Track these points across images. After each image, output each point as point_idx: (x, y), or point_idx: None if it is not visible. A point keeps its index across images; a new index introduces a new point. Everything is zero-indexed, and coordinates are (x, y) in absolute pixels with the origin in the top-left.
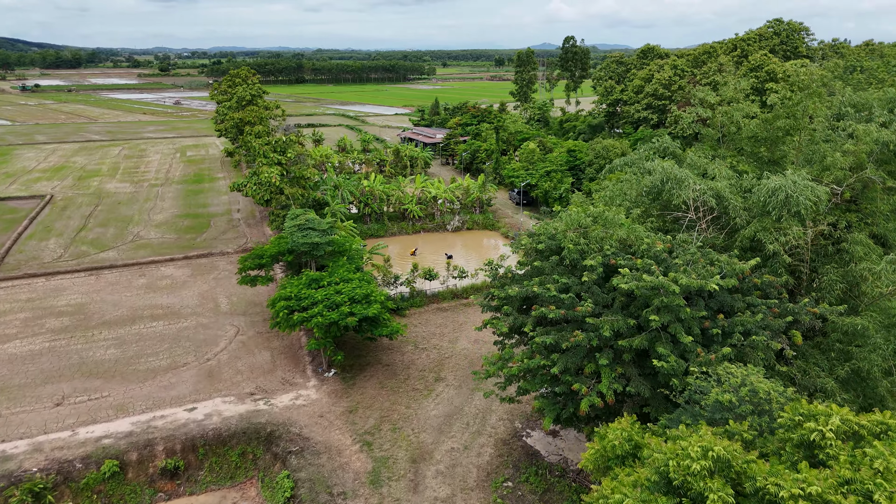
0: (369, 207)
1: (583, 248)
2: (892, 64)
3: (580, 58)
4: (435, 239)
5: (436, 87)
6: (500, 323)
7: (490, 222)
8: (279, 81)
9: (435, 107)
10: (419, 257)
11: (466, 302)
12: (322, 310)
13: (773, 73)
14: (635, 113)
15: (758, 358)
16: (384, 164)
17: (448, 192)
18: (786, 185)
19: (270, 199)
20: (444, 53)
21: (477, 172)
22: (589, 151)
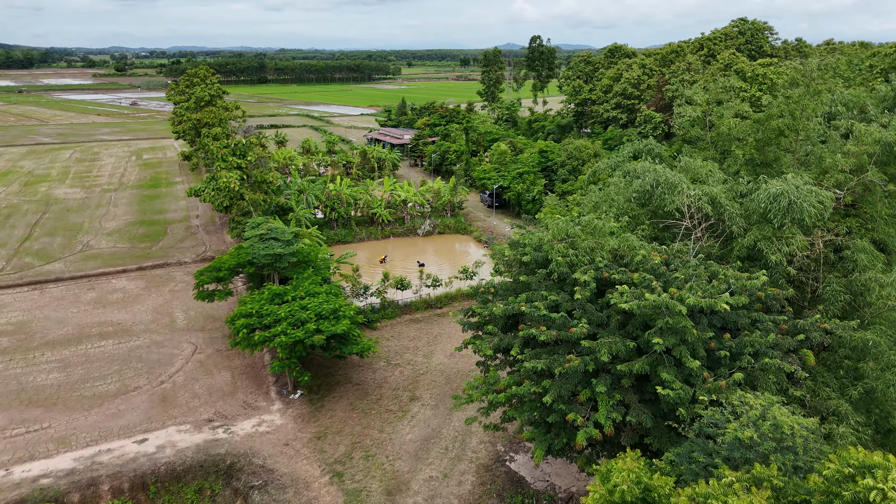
0: (336, 212)
1: (572, 260)
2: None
3: (546, 57)
4: (405, 244)
5: (401, 86)
6: (484, 345)
7: (462, 226)
8: (241, 82)
9: (402, 107)
10: (389, 265)
11: (441, 312)
12: (286, 328)
13: (742, 72)
14: (604, 112)
15: (769, 382)
16: (351, 167)
17: (418, 196)
18: (788, 191)
19: (230, 205)
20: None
21: (447, 174)
22: (561, 152)
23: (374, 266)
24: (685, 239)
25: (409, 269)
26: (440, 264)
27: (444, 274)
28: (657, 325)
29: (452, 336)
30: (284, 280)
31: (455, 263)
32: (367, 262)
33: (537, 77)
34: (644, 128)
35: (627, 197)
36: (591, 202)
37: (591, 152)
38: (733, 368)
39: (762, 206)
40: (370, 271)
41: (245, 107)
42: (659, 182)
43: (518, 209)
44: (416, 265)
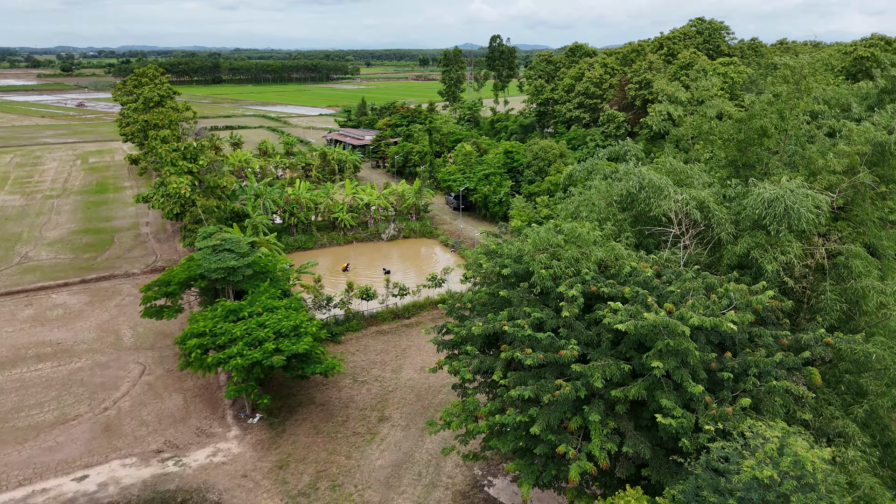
0: (295, 217)
1: (555, 272)
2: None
3: (507, 57)
4: (369, 249)
5: (360, 86)
6: (463, 368)
7: (428, 229)
8: (195, 82)
9: (362, 107)
10: (353, 273)
11: (409, 322)
12: (242, 348)
13: (704, 70)
14: (567, 112)
15: (776, 405)
16: (310, 169)
17: (381, 199)
18: (784, 195)
19: (181, 212)
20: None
21: (410, 176)
22: (526, 153)
23: (336, 275)
24: (671, 246)
25: (374, 277)
26: (406, 271)
27: (411, 281)
28: (656, 346)
29: (422, 348)
30: (240, 294)
31: (422, 269)
32: (329, 271)
33: (498, 77)
34: (607, 127)
35: (609, 201)
36: (571, 206)
37: (556, 152)
38: (737, 391)
39: (756, 211)
40: (333, 280)
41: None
42: (643, 185)
43: (485, 211)
44: (382, 272)
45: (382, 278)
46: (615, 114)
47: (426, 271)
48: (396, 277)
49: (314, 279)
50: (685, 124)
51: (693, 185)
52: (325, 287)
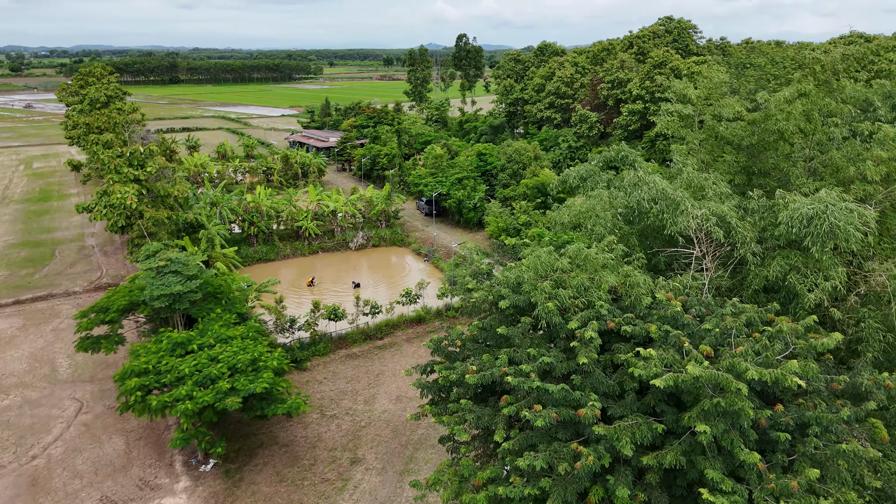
0: (255, 227)
1: (563, 303)
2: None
3: (474, 56)
4: (336, 260)
5: (324, 86)
6: (457, 427)
7: (399, 237)
8: (151, 82)
9: (326, 107)
10: (319, 287)
11: (382, 344)
12: (191, 389)
13: (678, 69)
14: (538, 112)
15: (843, 472)
16: (272, 173)
17: (349, 205)
18: (827, 211)
19: (127, 224)
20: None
21: (378, 180)
22: (500, 155)
23: (301, 290)
24: (687, 268)
25: (342, 291)
26: (377, 284)
27: (383, 296)
28: (701, 405)
29: (397, 374)
30: (191, 320)
31: (394, 281)
32: (292, 285)
33: (465, 77)
34: (580, 128)
35: (614, 213)
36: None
37: (531, 155)
38: (794, 455)
39: (793, 230)
40: (297, 295)
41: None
42: (656, 198)
43: (458, 217)
44: (351, 286)
45: (352, 293)
46: (588, 114)
47: (399, 284)
48: (367, 292)
49: (276, 300)
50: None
51: (708, 197)
52: (288, 307)
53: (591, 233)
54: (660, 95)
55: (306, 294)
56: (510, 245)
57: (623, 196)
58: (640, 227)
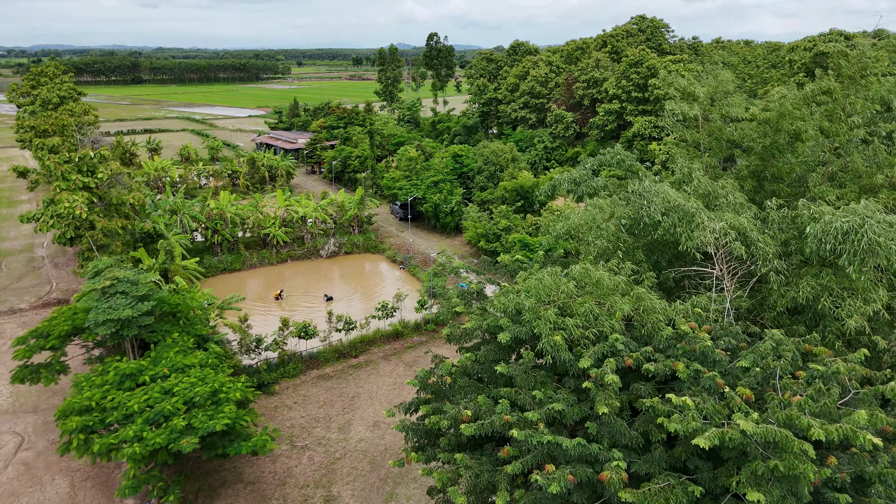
0: (219, 235)
1: (571, 334)
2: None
3: (445, 56)
4: (307, 269)
5: (292, 86)
6: (451, 489)
7: (372, 244)
8: (112, 82)
9: (294, 107)
10: (289, 301)
11: (357, 363)
12: (141, 428)
13: (654, 68)
14: (512, 112)
15: None
16: (237, 177)
17: (319, 211)
18: (865, 225)
19: (76, 236)
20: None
21: (350, 182)
22: (477, 157)
23: (268, 303)
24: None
25: (313, 305)
26: (351, 296)
27: (357, 309)
28: (751, 467)
29: (374, 396)
30: (145, 346)
31: (369, 291)
32: (259, 298)
33: (437, 76)
34: (555, 128)
35: (618, 224)
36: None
37: (508, 157)
38: None
39: (826, 245)
40: (265, 310)
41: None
42: (668, 209)
43: (435, 221)
44: (323, 299)
45: (324, 307)
46: (563, 114)
47: (374, 294)
48: (340, 305)
49: (240, 318)
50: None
51: (721, 207)
52: (254, 324)
53: (591, 246)
54: (636, 95)
55: (274, 309)
56: (503, 262)
57: (626, 205)
58: (646, 240)
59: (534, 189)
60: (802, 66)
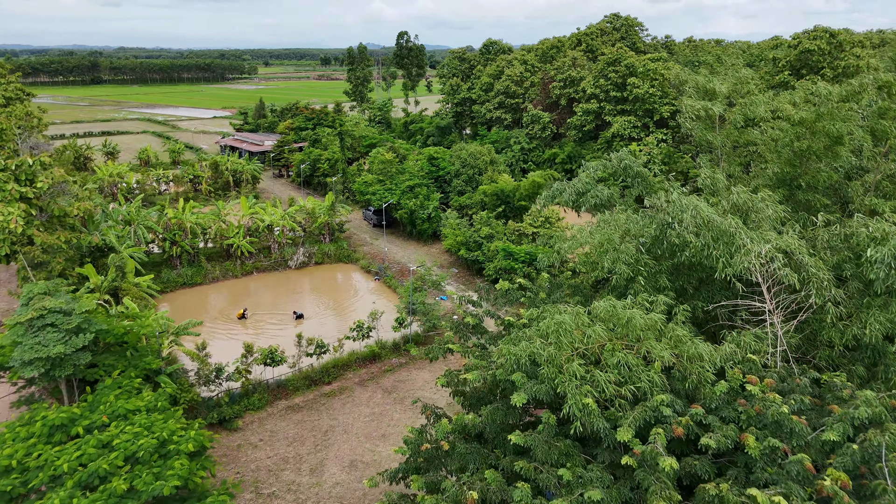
0: (178, 246)
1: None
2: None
3: (416, 54)
4: (274, 281)
5: (259, 86)
6: None
7: (345, 253)
8: (71, 82)
9: (260, 108)
10: (254, 320)
11: (330, 390)
12: (72, 493)
13: (633, 67)
14: (487, 113)
15: None
16: (200, 182)
17: (287, 219)
18: None
19: (13, 253)
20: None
21: (319, 187)
22: (454, 159)
23: (231, 323)
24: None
25: (281, 324)
26: (323, 311)
27: (329, 327)
28: None
29: (350, 429)
30: (85, 384)
31: (342, 307)
32: (221, 316)
33: (407, 76)
34: (532, 129)
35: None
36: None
37: (486, 159)
38: None
39: None
40: (227, 331)
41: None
42: (700, 227)
43: (411, 228)
44: (293, 317)
45: (293, 325)
46: (540, 114)
47: (348, 309)
48: (311, 324)
49: (197, 346)
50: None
51: (760, 224)
52: (216, 349)
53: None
54: (615, 94)
55: (238, 329)
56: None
57: (646, 222)
58: (670, 263)
59: (515, 193)
60: (787, 65)
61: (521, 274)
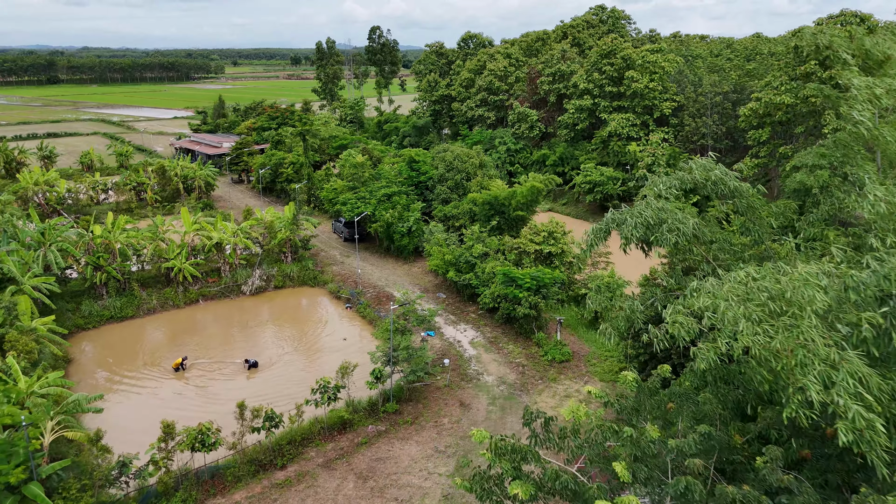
0: (104, 271)
1: None
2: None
3: (389, 50)
4: (224, 311)
5: (226, 86)
6: None
7: (310, 274)
8: (25, 82)
9: (220, 107)
10: (192, 371)
11: (283, 478)
12: None
13: (630, 59)
14: (468, 111)
15: None
16: (144, 190)
17: (240, 235)
18: None
19: None
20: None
21: (283, 194)
22: (437, 162)
23: (163, 374)
24: None
25: (228, 378)
26: (283, 353)
27: (288, 376)
28: None
29: None
30: None
31: (306, 345)
32: (152, 361)
33: (380, 73)
34: (519, 127)
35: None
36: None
37: (475, 162)
38: None
39: None
40: (153, 391)
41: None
42: None
43: (388, 244)
44: (244, 366)
45: (244, 377)
46: (527, 112)
47: (312, 349)
48: (268, 376)
49: (89, 438)
50: None
51: None
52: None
53: (823, 407)
54: (611, 89)
55: (169, 385)
56: (550, 475)
57: (876, 278)
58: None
59: (510, 201)
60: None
61: (526, 305)
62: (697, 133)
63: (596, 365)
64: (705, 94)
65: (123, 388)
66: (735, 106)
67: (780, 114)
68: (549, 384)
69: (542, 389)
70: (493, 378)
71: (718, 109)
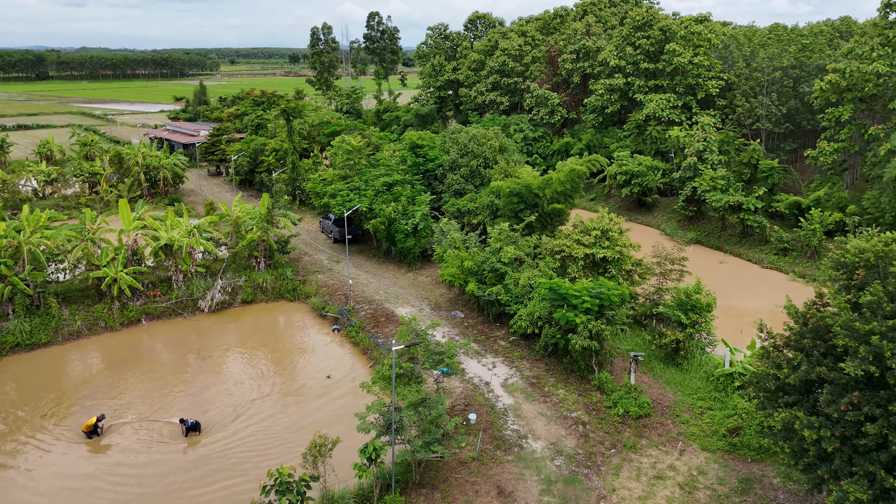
0: (7, 283)
1: None
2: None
3: (389, 37)
4: (173, 336)
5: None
6: None
7: (289, 285)
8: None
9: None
10: (110, 435)
11: None
12: None
13: (670, 30)
14: (478, 96)
15: None
16: (99, 182)
17: (196, 236)
18: None
19: None
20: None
21: (263, 187)
22: (448, 146)
23: (72, 441)
24: None
25: (157, 447)
26: (240, 406)
27: (246, 447)
28: None
29: None
30: None
31: (277, 387)
32: (54, 417)
33: (380, 62)
34: (537, 113)
35: None
36: None
37: (495, 144)
38: None
39: None
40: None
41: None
42: None
43: (388, 245)
44: (181, 429)
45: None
46: (547, 94)
47: (287, 395)
48: (213, 443)
49: None
50: None
51: None
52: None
53: None
54: (646, 66)
55: (76, 455)
56: None
57: None
58: None
59: (544, 191)
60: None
61: (585, 334)
62: (752, 115)
63: (690, 423)
64: (761, 69)
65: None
66: (796, 84)
67: (869, 86)
68: (628, 455)
69: (618, 466)
70: (542, 445)
71: (777, 87)
